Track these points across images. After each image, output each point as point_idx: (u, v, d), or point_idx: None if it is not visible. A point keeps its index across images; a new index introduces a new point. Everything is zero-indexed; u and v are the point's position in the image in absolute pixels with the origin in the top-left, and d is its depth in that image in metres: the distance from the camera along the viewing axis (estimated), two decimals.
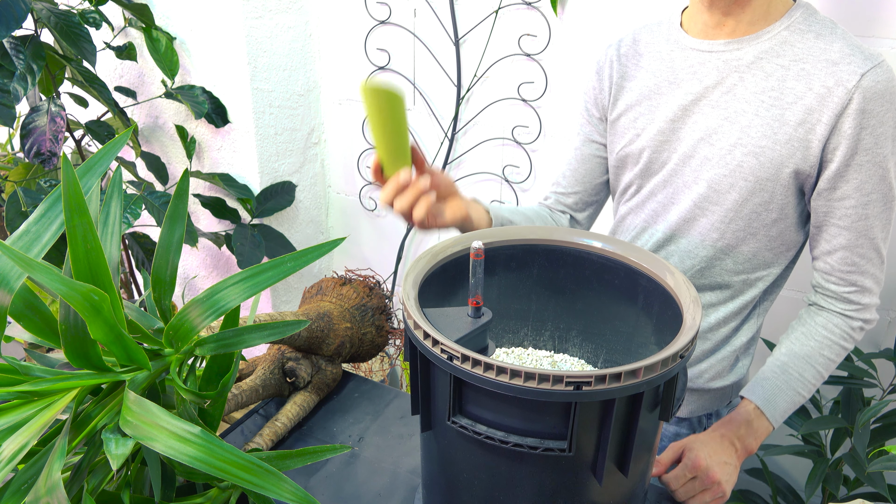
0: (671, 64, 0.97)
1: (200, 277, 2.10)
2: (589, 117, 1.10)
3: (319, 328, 1.03)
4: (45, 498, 0.51)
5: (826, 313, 0.95)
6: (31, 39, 1.45)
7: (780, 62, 0.89)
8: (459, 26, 1.61)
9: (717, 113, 0.92)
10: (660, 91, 0.98)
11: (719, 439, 0.91)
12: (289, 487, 0.54)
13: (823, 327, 0.94)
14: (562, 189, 1.13)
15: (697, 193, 0.95)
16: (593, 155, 1.10)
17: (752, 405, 0.94)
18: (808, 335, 0.95)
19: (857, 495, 1.42)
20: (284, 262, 0.62)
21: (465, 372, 0.60)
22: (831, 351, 0.94)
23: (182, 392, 0.63)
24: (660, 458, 0.90)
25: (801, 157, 0.88)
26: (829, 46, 0.86)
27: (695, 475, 0.87)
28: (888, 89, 0.84)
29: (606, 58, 1.05)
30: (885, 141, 0.85)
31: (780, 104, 0.88)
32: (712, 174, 0.93)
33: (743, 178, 0.91)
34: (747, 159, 0.90)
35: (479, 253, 0.70)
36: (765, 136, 0.89)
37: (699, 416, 1.11)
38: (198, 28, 1.72)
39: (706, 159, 0.94)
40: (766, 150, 0.89)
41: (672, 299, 0.74)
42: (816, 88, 0.86)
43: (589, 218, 1.16)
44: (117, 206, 0.68)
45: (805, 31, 0.88)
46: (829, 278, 0.94)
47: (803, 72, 0.87)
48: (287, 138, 1.86)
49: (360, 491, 0.91)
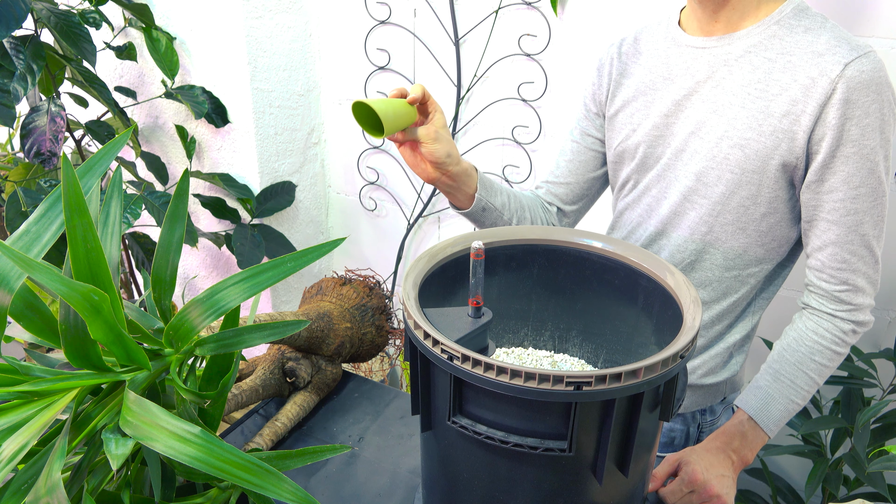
0: (667, 60, 0.99)
1: (200, 277, 2.10)
2: (587, 112, 1.11)
3: (319, 328, 1.03)
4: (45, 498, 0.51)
5: (817, 317, 0.94)
6: (31, 39, 1.45)
7: (767, 55, 0.89)
8: (459, 26, 1.61)
9: (706, 106, 0.93)
10: (655, 87, 0.99)
11: (715, 451, 0.91)
12: (289, 487, 0.54)
13: (814, 332, 0.93)
14: (553, 178, 1.14)
15: (686, 186, 0.96)
16: (588, 148, 1.12)
17: (746, 416, 0.94)
18: (798, 341, 0.94)
19: (857, 495, 1.42)
20: (284, 263, 0.62)
21: (466, 372, 0.60)
22: (823, 356, 0.93)
23: (182, 392, 0.63)
24: (656, 472, 0.89)
25: (786, 148, 0.88)
26: (817, 39, 0.86)
27: (692, 489, 0.87)
28: (873, 79, 0.83)
29: (608, 56, 1.07)
30: (872, 132, 0.84)
31: (766, 96, 0.88)
32: (700, 167, 0.94)
33: (729, 170, 0.91)
34: (733, 151, 0.91)
35: (480, 253, 0.70)
36: (750, 128, 0.89)
37: (693, 412, 1.11)
38: (198, 28, 1.72)
39: (695, 152, 0.95)
40: (751, 142, 0.89)
41: (672, 299, 0.74)
42: (801, 79, 0.86)
43: (577, 212, 1.16)
44: (117, 206, 0.68)
45: (795, 25, 0.89)
46: (820, 276, 0.93)
47: (789, 64, 0.87)
48: (287, 138, 1.86)
49: (360, 491, 0.91)
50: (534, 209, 1.09)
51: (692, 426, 1.11)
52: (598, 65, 1.09)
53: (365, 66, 1.79)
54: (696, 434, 1.12)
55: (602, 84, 1.07)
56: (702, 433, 1.12)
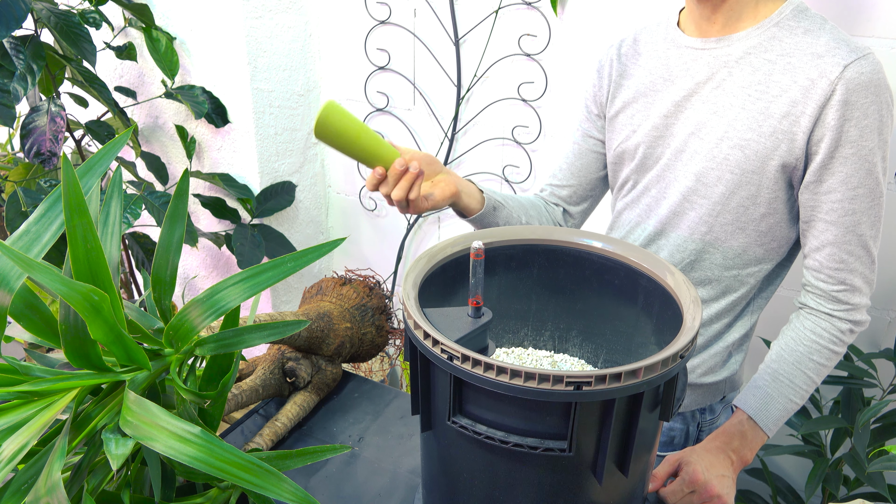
0: (666, 62, 0.99)
1: (200, 277, 2.10)
2: (588, 114, 1.12)
3: (319, 328, 1.03)
4: (45, 498, 0.51)
5: (815, 317, 0.94)
6: (31, 39, 1.45)
7: (767, 57, 0.90)
8: (459, 26, 1.61)
9: (706, 107, 0.94)
10: (655, 88, 1.00)
11: (715, 452, 0.91)
12: (289, 487, 0.54)
13: (812, 332, 0.94)
14: (557, 181, 1.15)
15: (686, 186, 0.96)
16: (590, 150, 1.12)
17: (745, 415, 0.94)
18: (797, 340, 0.95)
19: (857, 495, 1.42)
20: (284, 263, 0.62)
21: (466, 372, 0.60)
22: (821, 356, 0.93)
23: (182, 392, 0.63)
24: (656, 473, 0.90)
25: (786, 149, 0.89)
26: (816, 40, 0.87)
27: (693, 489, 0.87)
28: (872, 81, 0.83)
29: (607, 57, 1.07)
30: (871, 133, 0.85)
31: (766, 97, 0.89)
32: (700, 167, 0.94)
33: (729, 170, 0.92)
34: (733, 152, 0.91)
35: (480, 253, 0.70)
36: (750, 129, 0.90)
37: (692, 411, 1.11)
38: (198, 28, 1.72)
39: (695, 153, 0.95)
40: (751, 143, 0.90)
41: (672, 299, 0.74)
42: (801, 81, 0.86)
43: (583, 213, 1.17)
44: (117, 206, 0.68)
45: (794, 27, 0.89)
46: (818, 276, 0.93)
47: (789, 65, 0.88)
48: (287, 138, 1.86)
49: (360, 491, 0.91)
50: (537, 208, 1.10)
51: (692, 425, 1.11)
52: (597, 66, 1.09)
53: (365, 66, 1.79)
54: (695, 433, 1.12)
55: (602, 85, 1.08)
56: (701, 432, 1.12)
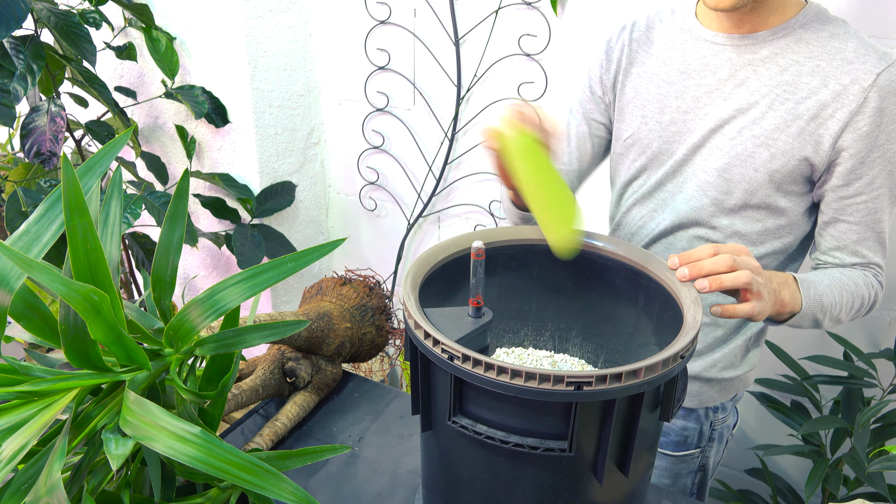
0: (683, 54, 0.98)
1: (200, 277, 2.10)
2: (591, 94, 1.09)
3: (319, 328, 1.03)
4: (45, 498, 0.51)
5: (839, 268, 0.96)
6: (31, 39, 1.45)
7: (794, 58, 0.90)
8: (459, 26, 1.61)
9: (729, 104, 0.94)
10: (670, 80, 0.99)
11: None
12: (289, 487, 0.54)
13: (850, 270, 0.95)
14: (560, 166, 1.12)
15: (705, 181, 0.96)
16: (592, 134, 1.11)
17: (791, 276, 0.89)
18: (839, 270, 0.95)
19: (857, 495, 1.42)
20: (284, 263, 0.62)
21: (466, 372, 0.60)
22: (860, 281, 0.93)
23: (182, 392, 0.63)
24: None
25: (811, 150, 0.90)
26: (844, 45, 0.88)
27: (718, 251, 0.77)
28: None
29: (618, 39, 1.05)
30: None
31: (794, 98, 0.90)
32: (722, 163, 0.95)
33: (753, 168, 0.93)
34: (759, 150, 0.92)
35: (480, 253, 0.70)
36: (777, 129, 0.91)
37: (706, 409, 1.11)
38: (198, 28, 1.72)
39: (716, 149, 0.95)
40: (777, 142, 0.91)
41: (672, 299, 0.74)
42: (832, 85, 0.88)
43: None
44: (117, 206, 0.68)
45: (819, 29, 0.90)
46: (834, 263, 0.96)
47: (818, 68, 0.89)
48: (287, 138, 1.86)
49: (360, 491, 0.91)
50: None
51: (705, 424, 1.12)
52: (606, 47, 1.07)
53: (365, 66, 1.79)
54: (708, 432, 1.13)
55: (611, 68, 1.06)
56: (714, 431, 1.13)
